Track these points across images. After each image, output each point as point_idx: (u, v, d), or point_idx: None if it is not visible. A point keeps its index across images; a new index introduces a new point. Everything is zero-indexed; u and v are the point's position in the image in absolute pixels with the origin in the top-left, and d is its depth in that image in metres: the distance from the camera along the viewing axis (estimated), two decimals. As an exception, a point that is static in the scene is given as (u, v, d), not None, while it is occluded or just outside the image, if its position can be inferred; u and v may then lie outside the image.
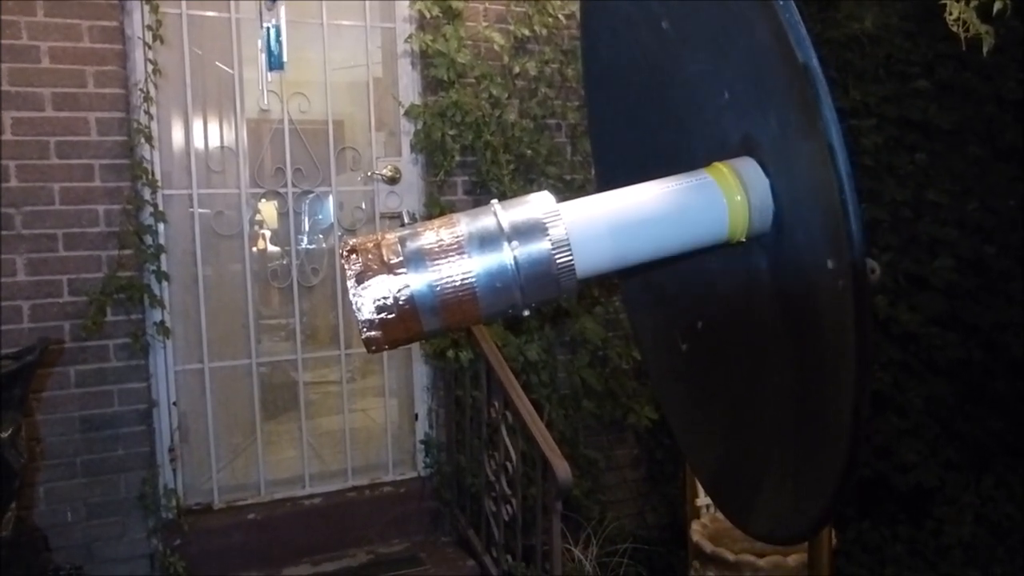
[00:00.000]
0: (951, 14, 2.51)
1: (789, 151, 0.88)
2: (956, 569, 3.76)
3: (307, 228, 3.94)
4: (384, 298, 0.87)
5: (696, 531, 3.52)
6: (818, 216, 0.83)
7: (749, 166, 0.96)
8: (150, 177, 3.24)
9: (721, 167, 0.97)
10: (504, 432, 3.13)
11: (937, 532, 3.89)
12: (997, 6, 2.51)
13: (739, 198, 0.95)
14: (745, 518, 1.13)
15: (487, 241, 0.89)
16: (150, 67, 3.21)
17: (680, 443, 1.38)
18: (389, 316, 0.88)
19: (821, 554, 1.42)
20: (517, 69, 3.75)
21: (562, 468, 2.74)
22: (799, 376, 0.94)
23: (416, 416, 3.83)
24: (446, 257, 0.89)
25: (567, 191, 3.80)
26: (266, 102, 3.56)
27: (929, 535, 3.90)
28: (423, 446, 3.80)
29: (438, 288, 0.88)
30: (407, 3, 3.68)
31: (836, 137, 0.74)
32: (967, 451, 4.09)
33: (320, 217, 4.09)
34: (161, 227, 3.30)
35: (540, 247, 0.89)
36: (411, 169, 3.75)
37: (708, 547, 3.38)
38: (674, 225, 0.97)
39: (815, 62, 0.74)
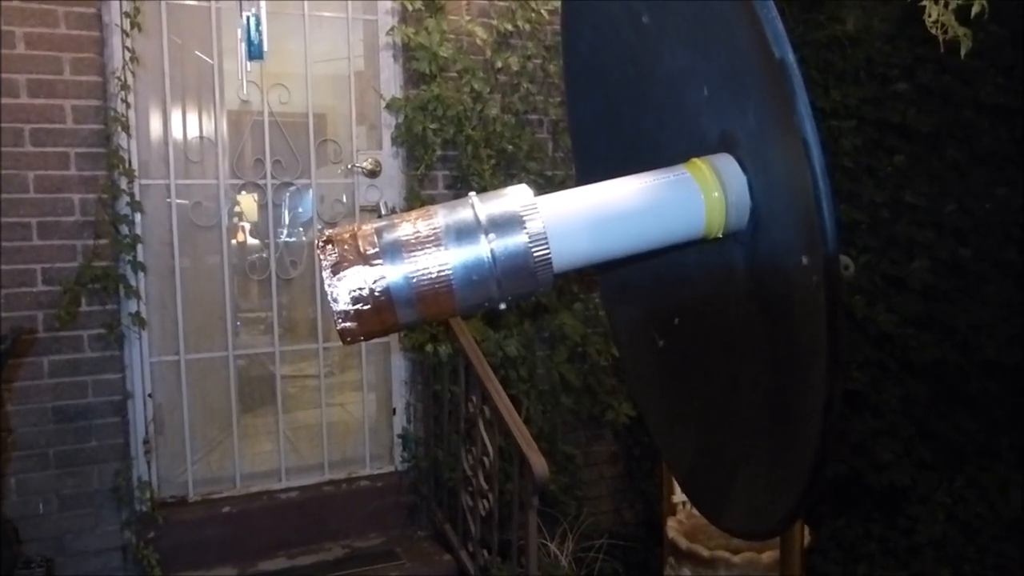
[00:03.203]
0: (930, 16, 2.53)
1: (766, 147, 0.89)
2: (928, 567, 3.80)
3: (286, 221, 3.92)
4: (360, 289, 0.87)
5: (672, 527, 3.54)
6: (793, 212, 0.83)
7: (727, 162, 0.96)
8: (127, 166, 3.20)
9: (699, 163, 0.98)
10: (482, 427, 3.13)
11: (910, 530, 3.94)
12: (975, 9, 2.53)
13: (716, 194, 0.95)
14: (718, 513, 1.13)
15: (464, 233, 0.89)
16: (128, 55, 3.17)
17: (655, 439, 1.38)
18: (364, 307, 0.87)
19: (793, 551, 1.43)
20: (499, 64, 3.75)
21: (539, 464, 2.74)
22: (773, 372, 0.95)
23: (394, 410, 3.82)
24: (423, 249, 0.88)
25: (548, 187, 3.80)
26: (246, 93, 3.53)
27: (902, 533, 3.94)
28: (400, 440, 3.79)
29: (414, 280, 0.88)
30: (390, -4, 3.67)
31: (811, 132, 0.74)
32: (941, 451, 4.14)
33: (300, 210, 4.07)
34: (138, 217, 3.26)
35: (517, 240, 0.89)
36: (392, 162, 3.74)
37: (683, 543, 3.40)
38: (651, 220, 0.97)
39: (791, 57, 0.74)
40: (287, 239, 3.90)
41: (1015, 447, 4.17)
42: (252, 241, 3.95)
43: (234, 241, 3.78)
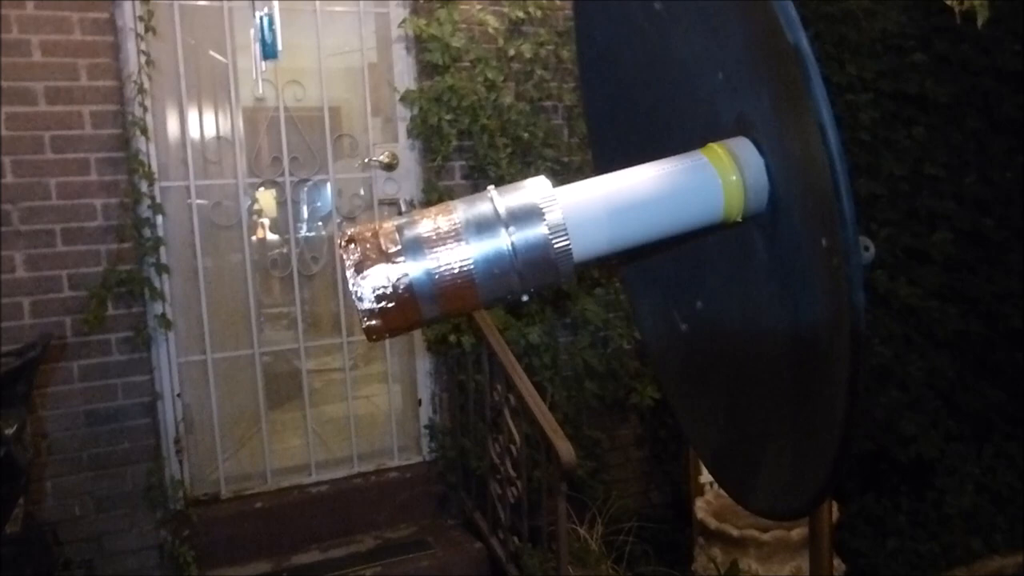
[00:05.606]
0: (945, -14, 2.50)
1: (782, 130, 0.89)
2: (958, 538, 3.79)
3: (306, 216, 3.95)
4: (383, 287, 0.88)
5: (700, 508, 3.55)
6: (812, 195, 0.83)
7: (744, 146, 0.96)
8: (146, 170, 3.23)
9: (716, 148, 0.98)
10: (507, 415, 3.14)
11: (938, 503, 3.92)
12: (991, -23, 2.50)
13: (734, 178, 0.95)
14: (746, 494, 1.14)
15: (484, 227, 0.89)
16: (143, 58, 3.20)
17: (681, 422, 1.39)
18: (389, 305, 0.88)
19: (822, 528, 1.43)
20: (512, 52, 3.74)
21: (566, 449, 2.75)
22: (795, 354, 0.95)
23: (420, 401, 3.85)
24: (444, 244, 0.89)
25: (564, 173, 3.79)
26: (261, 91, 3.55)
27: (931, 506, 3.93)
28: (427, 431, 3.82)
29: (436, 276, 0.88)
30: (400, -12, 3.67)
31: (827, 116, 0.74)
32: (967, 422, 4.11)
33: (318, 205, 4.09)
34: (159, 219, 3.29)
35: (537, 232, 0.89)
36: (408, 155, 3.75)
37: (712, 523, 3.41)
38: (670, 207, 0.97)
39: (805, 43, 0.74)
40: (307, 234, 3.93)
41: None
42: (272, 238, 3.98)
43: (255, 239, 3.81)
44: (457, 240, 0.89)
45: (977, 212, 4.14)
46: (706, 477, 3.67)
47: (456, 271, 0.89)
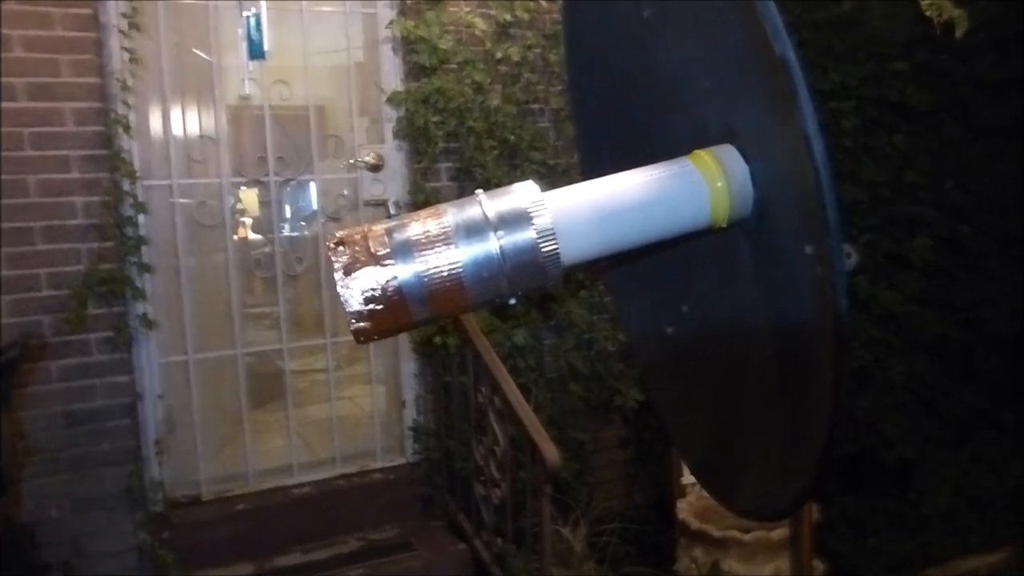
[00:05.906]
0: (924, -1, 2.54)
1: (768, 139, 0.90)
2: (935, 538, 3.83)
3: (290, 216, 3.93)
4: (372, 289, 0.88)
5: (682, 509, 3.57)
6: (796, 203, 0.85)
7: (730, 153, 0.97)
8: (129, 168, 3.21)
9: (702, 155, 0.99)
10: (492, 417, 3.15)
11: (917, 504, 3.97)
12: (968, -10, 2.54)
13: (720, 185, 0.97)
14: (730, 496, 1.15)
15: (473, 231, 0.90)
16: (127, 55, 3.18)
17: (666, 424, 1.40)
18: (378, 307, 0.88)
19: (803, 529, 1.45)
20: (500, 54, 3.75)
21: (550, 451, 2.76)
22: (780, 357, 0.96)
23: (404, 403, 3.84)
24: (433, 248, 0.89)
25: (551, 176, 3.81)
26: (247, 90, 3.53)
27: (909, 507, 3.97)
28: (412, 432, 3.81)
29: (426, 278, 0.89)
30: (387, -12, 3.67)
31: (813, 128, 0.75)
32: (946, 425, 4.16)
33: (303, 205, 4.08)
34: (141, 218, 3.27)
35: (525, 236, 0.90)
36: (395, 156, 3.74)
37: (694, 524, 3.43)
38: (657, 212, 0.98)
39: (792, 55, 0.76)
40: (291, 234, 3.92)
41: (1019, 419, 4.19)
42: (256, 238, 3.97)
43: (238, 238, 3.80)
44: (446, 243, 0.90)
45: (956, 219, 4.18)
46: (689, 479, 3.69)
47: (445, 274, 0.89)
